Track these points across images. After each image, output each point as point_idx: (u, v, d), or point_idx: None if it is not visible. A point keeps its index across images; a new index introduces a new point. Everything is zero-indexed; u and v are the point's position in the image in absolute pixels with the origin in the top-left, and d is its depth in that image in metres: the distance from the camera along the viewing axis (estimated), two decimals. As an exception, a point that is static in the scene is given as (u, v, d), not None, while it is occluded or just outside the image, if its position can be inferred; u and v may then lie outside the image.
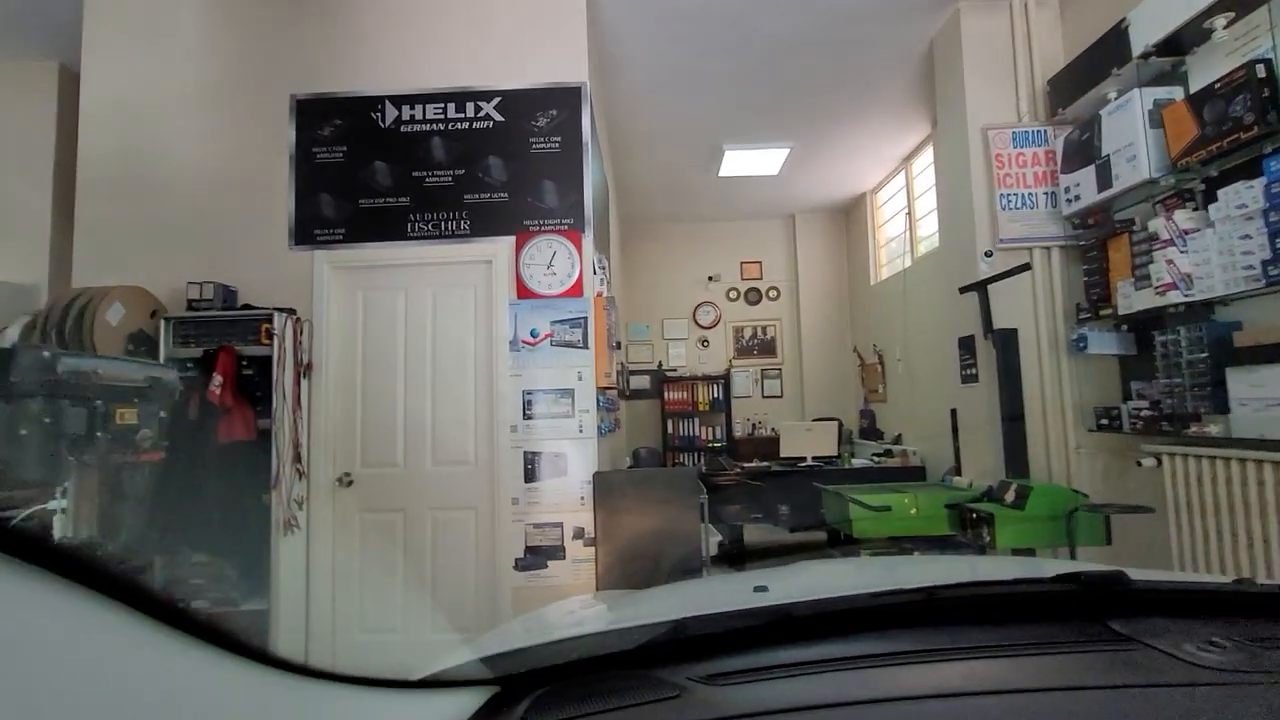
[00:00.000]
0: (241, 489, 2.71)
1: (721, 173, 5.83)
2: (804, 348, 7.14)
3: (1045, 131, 3.42)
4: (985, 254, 3.41)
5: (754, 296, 7.35)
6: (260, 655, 0.45)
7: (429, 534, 3.06)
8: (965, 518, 3.01)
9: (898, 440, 5.80)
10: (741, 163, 5.63)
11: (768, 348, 7.30)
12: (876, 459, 5.37)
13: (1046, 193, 3.40)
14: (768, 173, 5.88)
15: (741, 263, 7.38)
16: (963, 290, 3.39)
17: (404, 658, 2.93)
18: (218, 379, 2.67)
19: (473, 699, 0.60)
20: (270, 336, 2.79)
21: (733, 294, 7.35)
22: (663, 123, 4.99)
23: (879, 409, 6.45)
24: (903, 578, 1.03)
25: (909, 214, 5.80)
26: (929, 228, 5.57)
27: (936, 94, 3.92)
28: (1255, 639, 0.59)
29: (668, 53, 4.07)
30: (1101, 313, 3.06)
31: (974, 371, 3.53)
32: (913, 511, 3.26)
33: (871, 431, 6.40)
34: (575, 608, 1.09)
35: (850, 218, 7.18)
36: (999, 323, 3.31)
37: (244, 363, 2.81)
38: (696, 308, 7.32)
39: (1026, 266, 3.11)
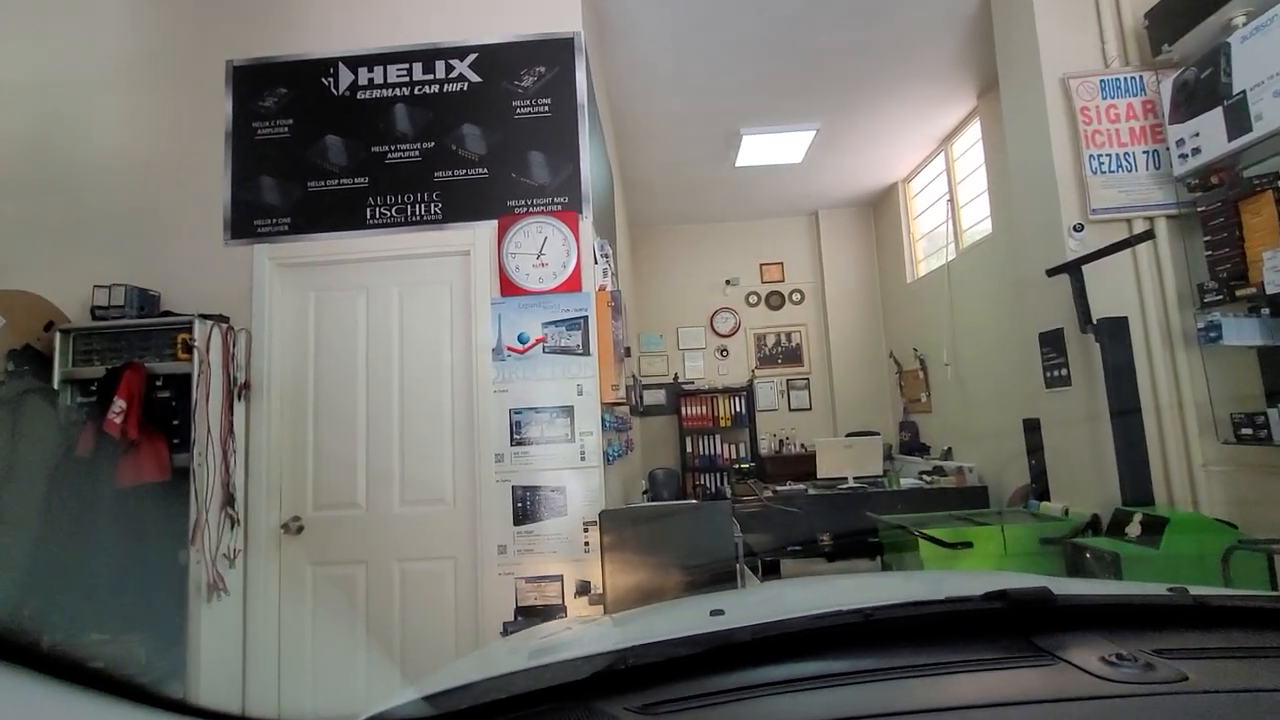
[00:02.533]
0: (151, 545, 2.12)
1: (739, 162, 5.25)
2: (833, 355, 6.51)
3: (1140, 78, 2.81)
4: (1074, 228, 2.78)
5: (776, 300, 6.74)
6: (180, 706, 0.45)
7: (397, 591, 2.45)
8: (1078, 558, 2.36)
9: (948, 455, 5.13)
10: (761, 149, 5.04)
11: (793, 356, 6.66)
12: (926, 478, 4.69)
13: (1147, 151, 2.78)
14: (790, 160, 5.30)
15: (761, 265, 6.78)
16: (1051, 273, 2.76)
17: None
18: (119, 405, 2.10)
19: None
20: (189, 349, 2.22)
21: (753, 298, 6.74)
22: (672, 108, 4.43)
23: (922, 420, 5.79)
24: (863, 597, 0.97)
25: (951, 200, 5.17)
26: (973, 215, 4.95)
27: (998, 46, 3.32)
28: (1160, 650, 0.60)
29: (675, 23, 3.52)
30: (1238, 293, 2.42)
31: (1064, 372, 2.89)
32: (999, 549, 2.62)
33: (915, 445, 5.73)
34: (541, 635, 1.09)
35: (879, 211, 6.58)
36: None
37: (159, 383, 2.25)
38: (714, 314, 6.72)
39: (1149, 234, 2.47)
